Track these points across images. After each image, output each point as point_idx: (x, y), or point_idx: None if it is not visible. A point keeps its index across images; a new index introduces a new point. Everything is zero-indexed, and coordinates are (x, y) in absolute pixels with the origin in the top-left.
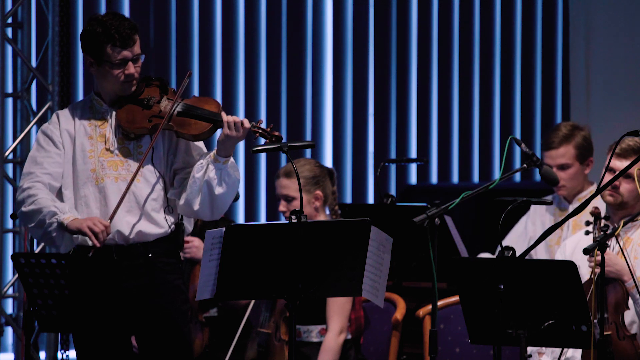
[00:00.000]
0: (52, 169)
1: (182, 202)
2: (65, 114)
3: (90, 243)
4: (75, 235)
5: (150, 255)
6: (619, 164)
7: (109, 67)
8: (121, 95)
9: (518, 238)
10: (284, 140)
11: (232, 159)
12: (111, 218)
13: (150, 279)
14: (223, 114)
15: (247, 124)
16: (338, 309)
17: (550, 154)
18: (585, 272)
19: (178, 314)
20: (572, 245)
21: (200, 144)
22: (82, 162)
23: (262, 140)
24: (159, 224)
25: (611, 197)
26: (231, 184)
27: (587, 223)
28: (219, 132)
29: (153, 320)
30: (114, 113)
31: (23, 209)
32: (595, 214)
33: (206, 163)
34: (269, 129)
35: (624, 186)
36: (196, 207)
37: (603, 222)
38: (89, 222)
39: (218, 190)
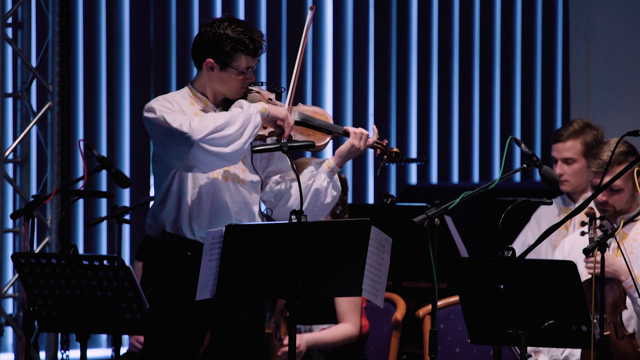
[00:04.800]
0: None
1: (287, 206)
2: (172, 99)
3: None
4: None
5: None
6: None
7: (234, 74)
8: (231, 98)
9: (519, 250)
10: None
11: None
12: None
13: None
14: (348, 126)
15: (372, 139)
16: (354, 306)
17: (557, 146)
18: (581, 272)
19: (260, 312)
20: (570, 243)
21: None
22: None
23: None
24: None
25: (605, 212)
26: (336, 194)
27: (583, 224)
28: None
29: (236, 322)
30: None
31: (216, 124)
32: (590, 214)
33: (317, 172)
34: (384, 143)
35: (613, 198)
36: None
37: (599, 222)
38: (284, 111)
39: (327, 199)
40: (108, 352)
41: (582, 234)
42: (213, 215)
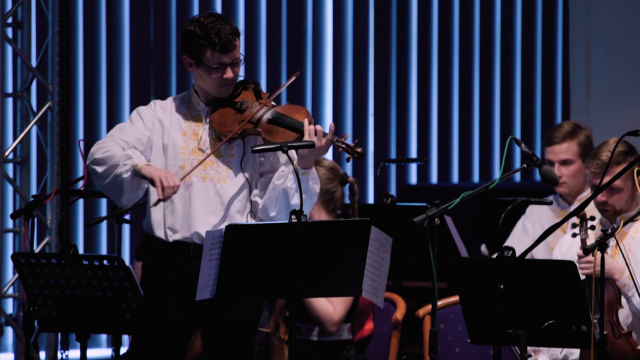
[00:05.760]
0: (131, 140)
1: (260, 206)
2: (162, 104)
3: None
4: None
5: None
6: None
7: (207, 70)
8: (217, 97)
9: (519, 239)
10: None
11: (313, 170)
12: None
13: None
14: (305, 122)
15: (330, 135)
16: (342, 299)
17: (553, 149)
18: None
19: (251, 313)
20: (567, 242)
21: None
22: (173, 157)
23: (345, 155)
24: None
25: (605, 212)
26: (308, 195)
27: (574, 225)
28: None
29: (224, 321)
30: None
31: (96, 155)
32: (581, 215)
33: (287, 171)
34: (353, 144)
35: (613, 198)
36: (272, 213)
37: (590, 222)
38: (162, 173)
39: (294, 200)
40: (108, 352)
41: (574, 235)
42: (185, 217)
